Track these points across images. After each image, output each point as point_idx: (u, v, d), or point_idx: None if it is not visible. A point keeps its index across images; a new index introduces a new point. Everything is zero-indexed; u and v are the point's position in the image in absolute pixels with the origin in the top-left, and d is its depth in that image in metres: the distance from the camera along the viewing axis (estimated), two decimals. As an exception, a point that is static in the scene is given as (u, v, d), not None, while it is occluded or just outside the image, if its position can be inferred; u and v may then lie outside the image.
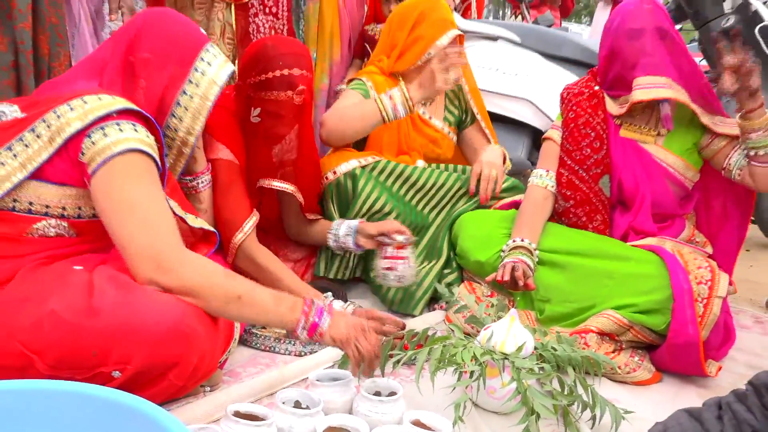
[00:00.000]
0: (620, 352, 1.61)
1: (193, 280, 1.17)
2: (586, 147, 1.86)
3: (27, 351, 1.09)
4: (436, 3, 2.15)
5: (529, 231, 1.81)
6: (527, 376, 1.28)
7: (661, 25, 1.76)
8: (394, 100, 1.90)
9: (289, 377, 1.44)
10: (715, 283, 1.56)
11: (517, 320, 1.39)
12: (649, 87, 1.73)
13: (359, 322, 1.28)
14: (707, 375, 1.58)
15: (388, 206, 1.94)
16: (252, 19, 2.29)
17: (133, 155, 1.20)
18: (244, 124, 1.71)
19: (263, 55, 1.66)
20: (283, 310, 1.22)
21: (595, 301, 1.67)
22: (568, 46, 3.01)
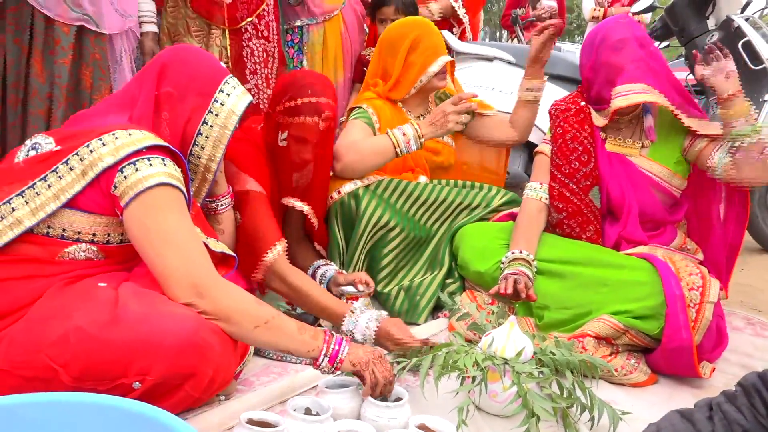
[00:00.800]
0: (617, 355, 1.66)
1: (227, 305, 1.24)
2: (574, 161, 1.93)
3: (53, 364, 1.14)
4: (427, 28, 2.24)
5: (526, 242, 1.87)
6: (527, 380, 1.33)
7: (640, 35, 1.85)
8: (408, 136, 2.04)
9: (299, 385, 1.49)
10: (707, 289, 1.61)
11: (517, 326, 1.45)
12: (628, 93, 1.80)
13: (376, 350, 1.38)
14: (701, 377, 1.62)
15: (392, 222, 2.01)
16: (246, 43, 2.39)
17: (163, 188, 1.27)
18: (272, 147, 1.81)
19: (293, 83, 1.78)
20: (306, 337, 1.30)
21: (591, 307, 1.72)
22: (561, 65, 3.10)
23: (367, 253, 2.05)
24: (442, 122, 2.06)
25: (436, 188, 2.12)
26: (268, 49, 2.44)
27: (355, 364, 1.32)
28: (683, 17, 3.19)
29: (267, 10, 2.43)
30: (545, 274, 1.83)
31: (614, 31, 1.86)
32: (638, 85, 1.79)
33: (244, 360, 1.44)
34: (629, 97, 1.79)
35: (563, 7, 5.56)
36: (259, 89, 2.44)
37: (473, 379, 1.35)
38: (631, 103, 1.80)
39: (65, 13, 1.93)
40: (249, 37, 2.39)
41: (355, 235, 2.00)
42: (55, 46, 1.94)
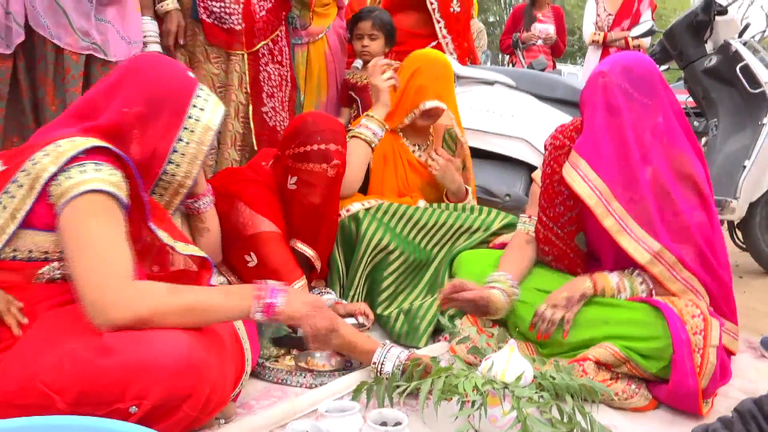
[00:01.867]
0: (617, 380, 1.64)
1: (140, 309, 1.19)
2: (559, 204, 1.84)
3: (48, 390, 1.12)
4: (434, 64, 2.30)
5: (510, 267, 1.83)
6: (527, 405, 1.33)
7: (616, 97, 1.68)
8: (367, 126, 2.18)
9: (299, 409, 1.48)
10: (708, 332, 1.57)
11: (517, 350, 1.45)
12: (572, 165, 1.71)
13: (315, 299, 1.35)
14: (702, 415, 1.58)
15: (392, 245, 2.03)
16: (263, 67, 2.43)
17: (91, 196, 1.22)
18: (282, 189, 1.84)
19: (303, 129, 1.81)
20: (235, 301, 1.27)
21: (593, 342, 1.69)
22: (561, 88, 3.14)
23: (367, 276, 2.06)
24: (375, 92, 2.26)
25: (435, 212, 2.14)
26: (281, 73, 2.49)
27: (293, 317, 1.30)
28: (681, 41, 3.24)
29: (280, 36, 2.48)
30: None
31: (592, 83, 1.72)
32: (582, 162, 1.69)
33: (241, 381, 1.43)
34: (568, 174, 1.71)
35: (563, 28, 5.64)
36: (276, 112, 2.48)
37: (473, 404, 1.34)
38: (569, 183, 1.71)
39: (75, 43, 1.97)
40: (266, 62, 2.43)
41: (356, 257, 2.02)
42: (66, 75, 1.98)
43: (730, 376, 1.73)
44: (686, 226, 1.69)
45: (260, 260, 1.72)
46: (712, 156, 3.08)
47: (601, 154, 1.69)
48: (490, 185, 2.84)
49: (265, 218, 1.76)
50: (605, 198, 1.68)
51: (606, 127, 1.69)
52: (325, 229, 1.90)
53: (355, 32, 2.81)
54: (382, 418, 1.36)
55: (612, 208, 1.68)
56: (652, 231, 1.67)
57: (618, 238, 1.68)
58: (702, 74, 3.17)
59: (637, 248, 1.67)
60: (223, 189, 1.83)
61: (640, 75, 1.71)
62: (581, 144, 1.73)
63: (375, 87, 2.27)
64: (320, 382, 1.64)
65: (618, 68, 1.71)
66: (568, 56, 18.46)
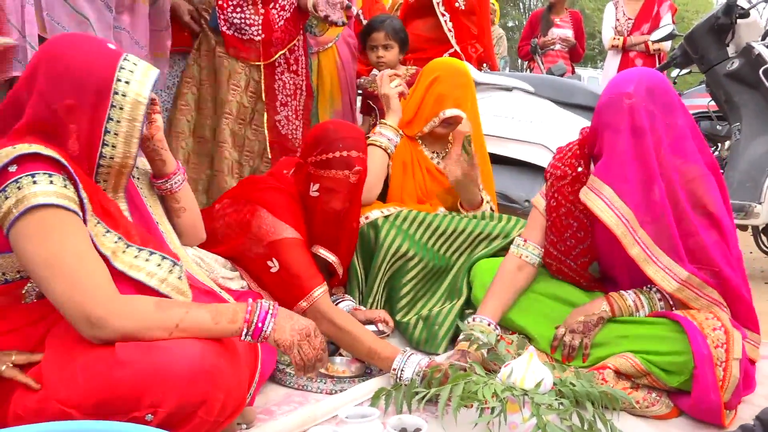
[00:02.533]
0: (638, 389, 1.63)
1: (127, 327, 1.17)
2: (569, 237, 1.81)
3: (65, 407, 1.12)
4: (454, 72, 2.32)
5: (493, 308, 1.80)
6: (546, 412, 1.33)
7: (640, 119, 1.63)
8: (382, 133, 2.25)
9: (319, 415, 1.50)
10: (731, 345, 1.54)
11: (536, 357, 1.45)
12: (594, 192, 1.66)
13: (305, 327, 1.33)
14: (725, 426, 1.56)
15: (411, 251, 2.04)
16: (279, 76, 2.47)
17: (36, 212, 1.17)
18: (304, 197, 1.86)
19: (325, 137, 1.83)
20: (223, 324, 1.24)
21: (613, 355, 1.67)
22: (580, 94, 3.13)
23: (386, 283, 2.07)
24: (385, 100, 2.35)
25: (454, 219, 2.14)
26: (296, 82, 2.52)
27: (280, 344, 1.29)
28: (703, 45, 3.21)
29: (297, 45, 2.51)
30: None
31: (616, 104, 1.64)
32: (606, 188, 1.64)
33: (253, 383, 1.43)
34: (593, 202, 1.65)
35: (582, 33, 5.61)
36: (289, 120, 2.51)
37: (492, 410, 1.35)
38: (590, 207, 1.65)
39: None
40: (282, 71, 2.47)
41: (374, 264, 2.03)
42: None
43: (755, 385, 1.71)
44: (703, 246, 1.65)
45: (282, 266, 1.74)
46: (735, 160, 3.04)
47: (626, 179, 1.64)
48: (508, 191, 2.84)
49: (287, 224, 1.78)
50: (632, 226, 1.63)
51: (631, 150, 1.64)
52: (346, 236, 1.92)
53: (368, 43, 2.82)
54: (401, 424, 1.37)
55: (638, 237, 1.63)
56: (677, 256, 1.63)
57: (645, 267, 1.63)
58: (724, 78, 3.14)
59: (665, 277, 1.63)
60: (245, 197, 1.86)
61: (661, 95, 1.67)
62: (604, 169, 1.66)
63: (385, 96, 2.35)
64: (340, 388, 1.66)
65: (643, 89, 1.65)
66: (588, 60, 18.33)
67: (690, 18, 14.27)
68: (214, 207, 1.91)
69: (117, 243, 1.30)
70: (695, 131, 1.74)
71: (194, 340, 1.21)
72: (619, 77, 1.74)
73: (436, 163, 2.36)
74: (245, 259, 1.79)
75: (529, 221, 1.94)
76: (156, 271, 1.33)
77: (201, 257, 1.72)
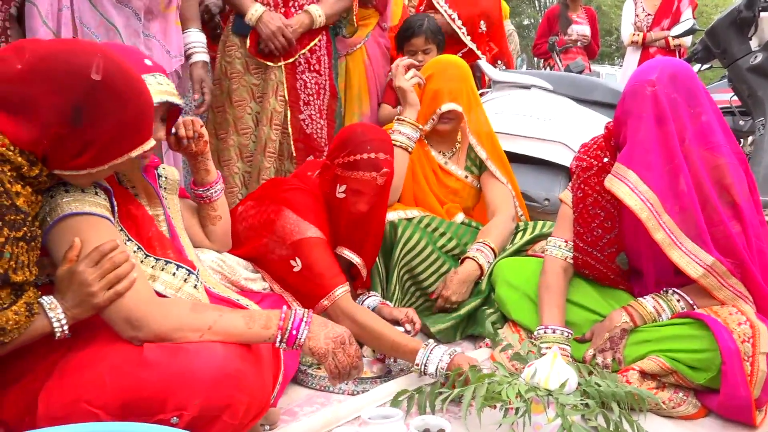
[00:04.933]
0: (664, 388, 1.61)
1: (166, 330, 1.21)
2: (596, 228, 1.81)
3: (92, 408, 1.14)
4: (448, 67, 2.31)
5: (558, 313, 1.78)
6: (571, 413, 1.32)
7: (664, 106, 1.64)
8: (400, 131, 2.23)
9: (342, 416, 1.50)
10: (757, 339, 1.52)
11: (560, 357, 1.43)
12: (619, 178, 1.66)
13: (340, 335, 1.34)
14: (756, 425, 1.54)
15: (427, 250, 2.05)
16: (300, 76, 2.47)
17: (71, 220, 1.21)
18: (329, 198, 1.87)
19: (353, 139, 1.84)
20: (256, 329, 1.27)
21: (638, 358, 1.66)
22: (599, 91, 3.09)
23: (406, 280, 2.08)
24: (401, 93, 2.31)
25: (469, 230, 2.18)
26: (319, 82, 2.52)
27: (315, 352, 1.30)
28: (725, 39, 3.16)
29: (320, 45, 2.51)
30: (581, 328, 1.80)
31: (640, 92, 1.66)
32: (630, 173, 1.64)
33: (277, 384, 1.44)
34: (618, 187, 1.65)
35: (596, 30, 5.56)
36: (312, 120, 2.52)
37: (516, 411, 1.34)
38: (614, 192, 1.65)
39: None
40: (303, 70, 2.47)
41: (392, 259, 2.06)
42: None
43: None
44: (728, 235, 1.63)
45: (305, 265, 1.75)
46: (759, 155, 2.99)
47: (650, 165, 1.64)
48: (528, 190, 2.81)
49: (311, 224, 1.79)
50: (656, 210, 1.63)
51: (655, 137, 1.64)
52: (371, 237, 1.92)
53: (407, 48, 2.78)
54: (425, 425, 1.37)
55: (663, 221, 1.62)
56: (703, 243, 1.62)
57: (669, 252, 1.62)
58: (747, 72, 3.09)
59: (690, 263, 1.61)
60: (271, 197, 1.87)
61: (684, 82, 1.67)
62: (628, 155, 1.67)
63: (400, 89, 2.30)
64: (362, 388, 1.66)
65: (665, 77, 1.66)
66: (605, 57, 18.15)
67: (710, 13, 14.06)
68: (237, 209, 1.92)
69: (135, 252, 1.35)
70: (721, 120, 1.72)
71: (219, 343, 1.22)
72: (643, 66, 1.75)
73: (443, 163, 2.35)
74: (267, 259, 1.79)
75: (560, 219, 1.93)
76: (171, 280, 1.37)
77: (223, 260, 1.73)
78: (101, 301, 1.18)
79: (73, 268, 1.18)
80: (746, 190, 1.67)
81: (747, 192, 1.67)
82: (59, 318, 1.16)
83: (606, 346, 1.68)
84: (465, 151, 2.38)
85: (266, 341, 1.29)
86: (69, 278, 1.18)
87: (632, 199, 1.63)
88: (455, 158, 2.37)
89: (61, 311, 1.17)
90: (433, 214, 2.20)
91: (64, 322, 1.17)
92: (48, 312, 1.16)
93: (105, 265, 1.18)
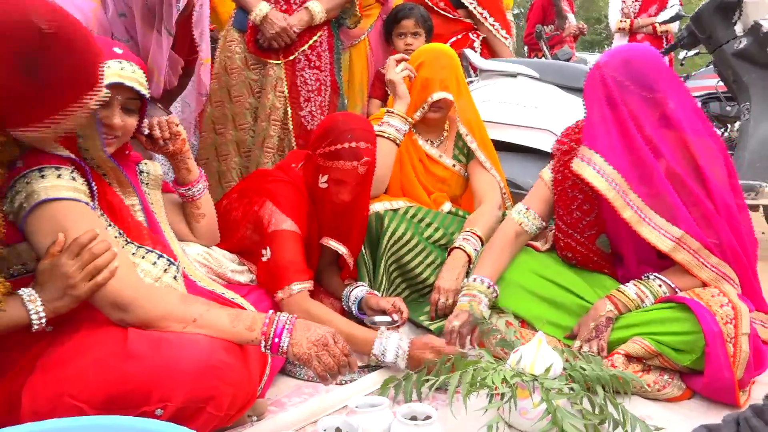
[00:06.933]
0: (649, 371, 1.63)
1: (153, 315, 1.22)
2: (575, 210, 1.84)
3: (76, 402, 1.14)
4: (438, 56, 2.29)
5: (491, 268, 1.82)
6: (556, 397, 1.32)
7: (614, 89, 1.67)
8: (389, 123, 2.21)
9: (330, 405, 1.51)
10: (739, 320, 1.54)
11: (545, 342, 1.45)
12: (583, 160, 1.69)
13: (322, 336, 1.33)
14: (740, 405, 1.56)
15: (414, 240, 2.06)
16: (300, 72, 2.46)
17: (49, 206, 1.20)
18: (312, 189, 1.87)
19: (334, 128, 1.83)
20: (240, 329, 1.27)
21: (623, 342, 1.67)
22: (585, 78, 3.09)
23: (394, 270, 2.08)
24: (392, 86, 2.29)
25: (456, 220, 2.17)
26: (320, 78, 2.50)
27: (298, 358, 1.30)
28: (710, 24, 3.16)
29: (320, 41, 2.49)
30: (567, 310, 1.81)
31: (591, 76, 1.71)
32: (596, 156, 1.68)
33: (264, 375, 1.44)
34: (584, 170, 1.69)
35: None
36: (313, 116, 2.50)
37: (502, 396, 1.35)
38: (579, 175, 1.70)
39: None
40: (302, 67, 2.46)
41: (379, 250, 2.04)
42: None
43: (767, 364, 1.68)
44: (706, 215, 1.65)
45: (273, 256, 1.75)
46: (744, 140, 3.00)
47: (612, 147, 1.67)
48: (515, 177, 2.82)
49: (288, 217, 1.79)
50: (622, 190, 1.67)
51: (611, 119, 1.68)
52: (356, 227, 1.92)
53: (396, 30, 2.79)
54: (411, 412, 1.37)
55: (629, 199, 1.66)
56: (672, 218, 1.65)
57: (638, 228, 1.66)
58: (732, 57, 3.09)
59: (659, 237, 1.65)
60: (255, 189, 1.87)
61: (640, 67, 1.67)
62: (590, 138, 1.70)
63: (391, 81, 2.30)
64: (350, 378, 1.66)
65: (616, 61, 1.69)
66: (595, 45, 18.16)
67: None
68: (221, 203, 1.92)
69: (117, 238, 1.33)
70: (693, 105, 1.74)
71: (203, 336, 1.22)
72: (605, 52, 1.81)
73: (431, 152, 2.35)
74: (249, 250, 1.79)
75: (533, 190, 1.96)
76: (151, 269, 1.36)
77: (209, 252, 1.73)
78: (82, 292, 1.17)
79: (54, 261, 1.17)
80: (720, 173, 1.69)
81: (721, 175, 1.68)
82: (38, 311, 1.15)
83: (592, 335, 1.69)
84: (453, 140, 2.37)
85: (250, 343, 1.29)
86: (50, 271, 1.17)
87: (598, 180, 1.67)
88: (443, 147, 2.36)
89: (41, 303, 1.16)
90: (420, 205, 2.19)
91: (42, 314, 1.16)
92: (27, 304, 1.15)
93: (84, 257, 1.17)
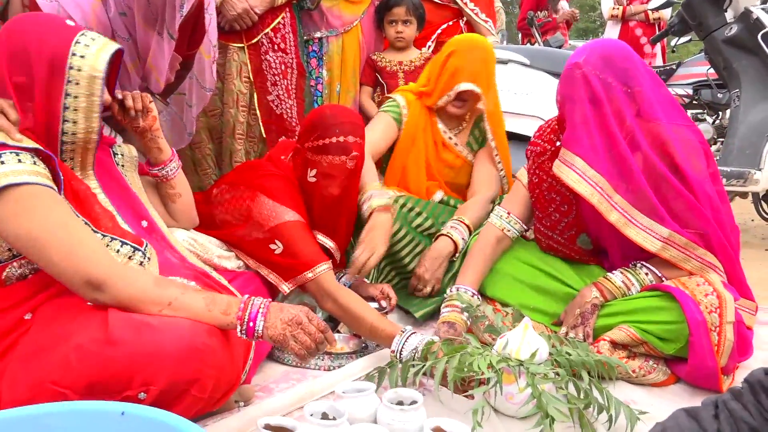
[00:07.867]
0: (635, 357, 1.63)
1: (123, 294, 1.21)
2: (554, 212, 1.82)
3: (59, 388, 1.14)
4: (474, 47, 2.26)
5: (473, 276, 1.83)
6: (542, 381, 1.33)
7: (597, 88, 1.63)
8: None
9: (317, 391, 1.51)
10: (724, 309, 1.55)
11: (531, 328, 1.45)
12: (566, 165, 1.67)
13: (295, 315, 1.31)
14: (722, 391, 1.55)
15: (403, 230, 2.07)
16: (263, 56, 2.44)
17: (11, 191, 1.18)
18: (302, 182, 1.85)
19: (322, 122, 1.81)
20: (216, 313, 1.26)
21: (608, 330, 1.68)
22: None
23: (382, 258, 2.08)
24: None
25: (446, 209, 2.17)
26: (285, 60, 2.49)
27: (274, 340, 1.30)
28: (701, 11, 3.16)
29: (283, 23, 2.47)
30: (555, 297, 1.82)
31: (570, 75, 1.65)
32: (578, 160, 1.65)
33: (248, 360, 1.43)
34: (567, 174, 1.67)
35: None
36: (281, 100, 2.49)
37: (488, 381, 1.36)
38: (562, 179, 1.67)
39: None
40: (266, 50, 2.44)
41: None
42: None
43: (752, 351, 1.71)
44: (689, 207, 1.64)
45: (286, 247, 1.73)
46: (734, 127, 3.01)
47: (596, 149, 1.65)
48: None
49: (288, 208, 1.77)
50: (607, 193, 1.64)
51: (593, 119, 1.64)
52: (344, 221, 1.91)
53: (387, 17, 2.77)
54: (398, 397, 1.38)
55: (614, 202, 1.64)
56: (658, 217, 1.63)
57: (626, 231, 1.64)
58: (722, 44, 3.10)
59: (647, 237, 1.63)
60: (246, 183, 1.85)
61: (618, 62, 1.66)
62: (571, 140, 1.67)
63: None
64: (338, 364, 1.67)
65: (594, 57, 1.65)
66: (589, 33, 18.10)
67: (691, -14, 14.06)
68: (212, 191, 1.90)
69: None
70: (666, 95, 1.73)
71: (185, 319, 1.22)
72: (577, 48, 1.76)
73: (448, 138, 2.33)
74: (246, 243, 1.78)
75: (511, 193, 1.95)
76: (114, 257, 1.32)
77: (194, 238, 1.72)
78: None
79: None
80: (699, 163, 1.67)
81: (700, 165, 1.67)
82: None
83: (577, 322, 1.69)
84: (470, 129, 2.36)
85: (225, 327, 1.28)
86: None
87: (581, 185, 1.65)
88: (460, 136, 2.35)
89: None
90: (409, 194, 2.19)
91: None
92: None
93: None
